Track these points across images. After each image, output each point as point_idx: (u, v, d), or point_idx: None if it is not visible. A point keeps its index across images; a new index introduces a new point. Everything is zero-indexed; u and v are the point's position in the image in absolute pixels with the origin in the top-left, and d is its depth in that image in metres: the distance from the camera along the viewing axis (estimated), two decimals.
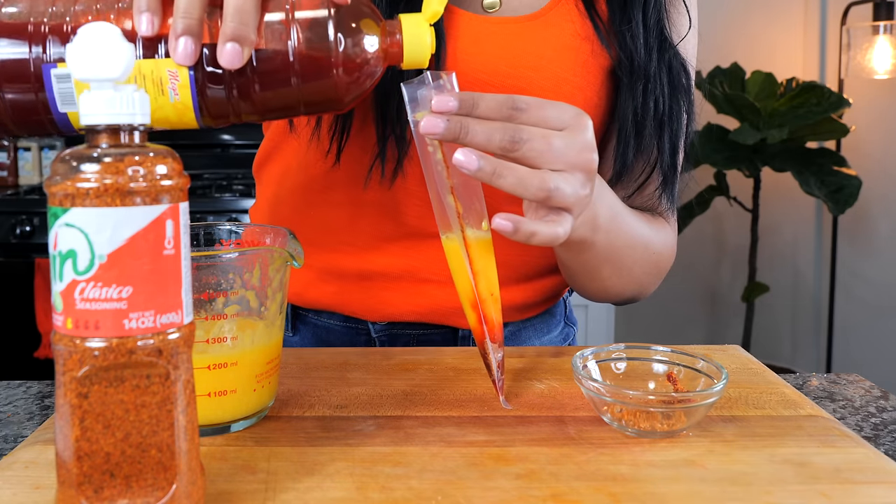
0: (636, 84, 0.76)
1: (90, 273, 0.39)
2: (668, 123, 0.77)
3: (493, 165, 0.54)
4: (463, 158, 0.53)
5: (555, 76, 0.76)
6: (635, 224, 0.74)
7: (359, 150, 0.76)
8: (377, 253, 0.80)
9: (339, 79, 0.53)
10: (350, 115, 0.74)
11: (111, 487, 0.40)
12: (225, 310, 0.55)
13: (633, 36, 0.76)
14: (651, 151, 0.77)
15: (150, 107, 0.42)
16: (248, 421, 0.57)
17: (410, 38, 0.55)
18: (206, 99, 0.52)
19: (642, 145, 0.77)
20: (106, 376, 0.39)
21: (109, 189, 0.39)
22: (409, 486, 0.48)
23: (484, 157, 0.53)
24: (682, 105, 0.78)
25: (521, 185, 0.54)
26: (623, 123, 0.77)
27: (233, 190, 2.28)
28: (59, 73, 0.51)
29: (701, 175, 2.67)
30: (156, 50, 0.51)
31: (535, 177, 0.54)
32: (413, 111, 0.57)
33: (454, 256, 0.60)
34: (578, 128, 0.56)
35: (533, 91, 0.75)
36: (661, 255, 0.79)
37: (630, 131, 0.76)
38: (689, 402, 0.55)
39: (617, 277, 0.76)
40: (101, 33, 0.40)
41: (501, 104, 0.55)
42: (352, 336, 0.84)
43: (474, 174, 0.54)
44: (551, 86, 0.75)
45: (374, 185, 0.77)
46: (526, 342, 0.87)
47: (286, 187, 0.83)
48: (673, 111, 0.77)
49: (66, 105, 0.51)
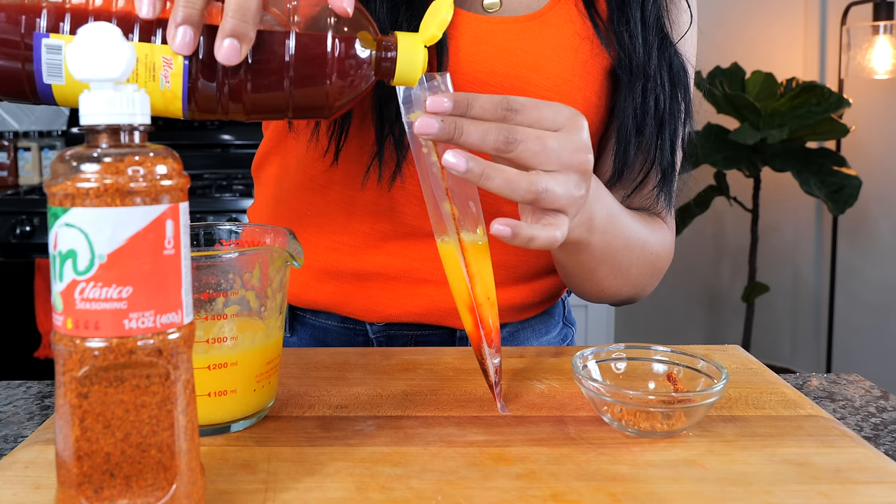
0: (636, 83, 0.76)
1: (90, 273, 0.39)
2: (668, 121, 0.77)
3: (482, 167, 0.54)
4: (452, 160, 0.54)
5: (554, 76, 0.76)
6: (633, 225, 0.74)
7: (357, 150, 0.76)
8: (375, 253, 0.79)
9: (331, 87, 0.53)
10: (349, 116, 0.74)
11: (111, 487, 0.40)
12: (225, 310, 0.55)
13: (631, 35, 0.76)
14: (651, 150, 0.77)
15: (149, 104, 0.42)
16: (248, 421, 0.57)
17: (404, 57, 0.55)
18: (196, 92, 0.52)
19: (643, 144, 0.77)
20: (106, 376, 0.39)
21: (109, 189, 0.39)
22: (409, 486, 0.48)
23: (472, 159, 0.53)
24: (682, 103, 0.78)
25: (508, 187, 0.54)
26: (623, 122, 0.77)
27: (233, 190, 2.28)
28: (50, 44, 0.50)
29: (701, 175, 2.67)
30: (152, 34, 0.51)
31: (523, 178, 0.54)
32: (407, 112, 0.57)
33: (450, 260, 0.59)
34: (573, 128, 0.56)
35: (533, 91, 0.75)
36: (658, 256, 0.79)
37: (630, 130, 0.76)
38: (689, 402, 0.55)
39: (614, 278, 0.76)
40: (102, 33, 0.40)
41: (496, 105, 0.55)
42: (349, 337, 0.84)
43: (463, 175, 0.54)
44: (551, 85, 0.75)
45: (372, 185, 0.77)
46: (524, 343, 0.87)
47: (284, 187, 0.83)
48: (673, 109, 0.77)
49: (52, 77, 0.51)
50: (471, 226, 0.59)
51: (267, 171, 0.86)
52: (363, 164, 0.76)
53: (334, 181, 0.78)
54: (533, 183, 0.54)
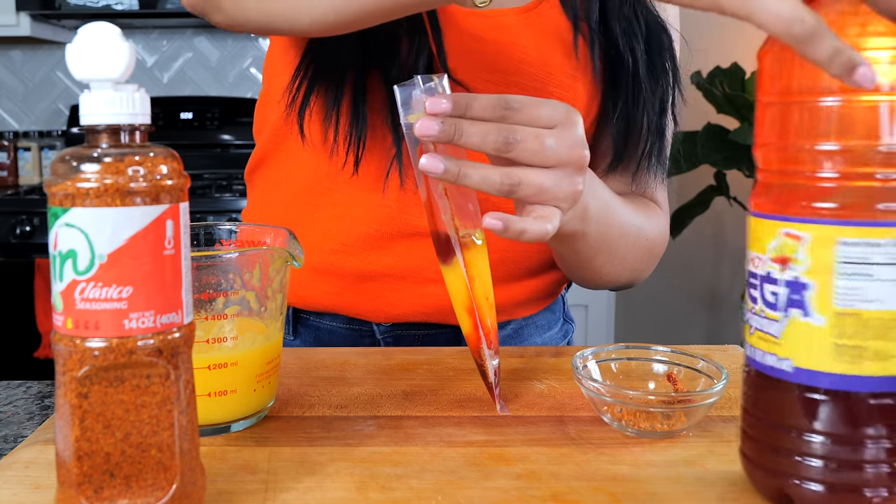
0: (626, 69, 0.77)
1: (90, 273, 0.39)
2: (653, 84, 0.79)
3: (458, 166, 0.55)
4: (427, 163, 0.54)
5: (550, 65, 0.77)
6: (627, 213, 0.75)
7: (373, 156, 0.77)
8: (381, 253, 0.80)
9: None
10: (364, 125, 0.75)
11: (111, 487, 0.40)
12: (225, 310, 0.55)
13: (619, 20, 0.78)
14: (642, 126, 0.79)
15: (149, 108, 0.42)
16: (248, 421, 0.57)
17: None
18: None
19: (635, 125, 0.79)
20: (106, 376, 0.39)
21: (109, 189, 0.39)
22: (409, 486, 0.48)
23: (447, 160, 0.54)
24: (667, 65, 0.80)
25: (485, 182, 0.55)
26: (618, 106, 0.78)
27: (233, 190, 2.28)
28: None
29: (701, 175, 2.67)
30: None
31: (496, 172, 0.55)
32: (406, 114, 0.57)
33: (451, 272, 0.59)
34: (569, 124, 0.57)
35: (529, 82, 0.76)
36: (654, 242, 0.81)
37: (625, 113, 0.78)
38: (689, 402, 0.55)
39: (611, 266, 0.77)
40: (102, 33, 0.40)
41: (495, 104, 0.56)
42: (355, 338, 0.84)
43: (441, 176, 0.55)
44: (545, 76, 0.77)
45: (376, 186, 0.77)
46: (528, 339, 0.88)
47: (285, 191, 0.83)
48: (657, 68, 0.79)
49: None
50: (470, 226, 0.59)
51: (264, 175, 0.86)
52: (381, 170, 0.77)
53: (341, 184, 0.79)
54: (507, 176, 0.55)
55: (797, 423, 0.43)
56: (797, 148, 0.43)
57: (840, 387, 0.42)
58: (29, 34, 2.43)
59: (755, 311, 0.45)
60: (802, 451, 0.43)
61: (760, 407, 0.45)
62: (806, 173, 0.42)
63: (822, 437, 0.42)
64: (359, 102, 0.75)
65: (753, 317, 0.45)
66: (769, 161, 0.45)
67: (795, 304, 0.43)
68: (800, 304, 0.43)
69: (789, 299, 0.43)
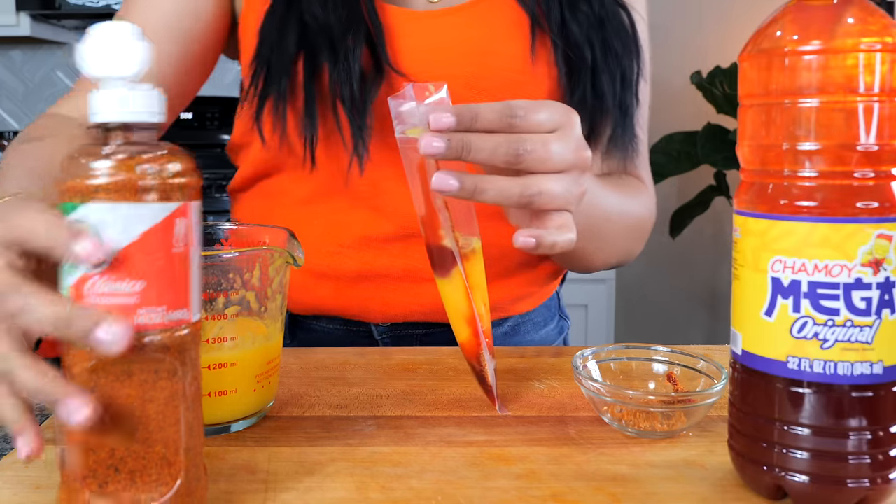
0: (582, 48, 0.78)
1: (101, 267, 0.39)
2: (613, 62, 0.79)
3: (473, 182, 0.53)
4: (440, 182, 0.52)
5: (510, 55, 0.78)
6: (609, 197, 0.75)
7: (334, 149, 0.77)
8: (378, 255, 0.80)
9: None
10: (314, 118, 0.75)
11: (116, 482, 0.40)
12: (225, 310, 0.55)
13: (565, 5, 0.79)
14: (605, 104, 0.79)
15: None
16: (248, 421, 0.57)
17: None
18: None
19: (599, 105, 0.79)
20: (113, 370, 0.39)
21: (121, 185, 0.39)
22: (409, 486, 0.48)
23: (461, 177, 0.53)
24: (627, 43, 0.81)
25: (502, 196, 0.54)
26: (578, 88, 0.78)
27: None
28: None
29: (701, 175, 2.67)
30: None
31: (515, 185, 0.54)
32: (402, 127, 0.55)
33: (451, 286, 0.59)
34: (569, 126, 0.57)
35: (494, 73, 0.77)
36: (640, 219, 0.82)
37: (585, 94, 0.78)
38: (689, 402, 0.55)
39: (600, 252, 0.78)
40: (115, 31, 0.40)
41: (500, 114, 0.54)
42: (353, 339, 0.84)
43: (456, 195, 0.53)
44: (511, 66, 0.77)
45: (371, 186, 0.77)
46: (525, 336, 0.88)
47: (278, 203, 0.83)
48: (615, 48, 0.79)
49: None
50: (469, 233, 0.58)
51: (254, 191, 0.85)
52: (343, 162, 0.76)
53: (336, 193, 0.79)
54: (526, 187, 0.54)
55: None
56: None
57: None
58: (29, 34, 2.43)
59: (836, 324, 0.43)
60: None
61: (819, 418, 0.43)
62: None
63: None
64: (309, 100, 0.74)
65: (831, 329, 0.43)
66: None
67: (887, 304, 0.43)
68: (889, 303, 0.43)
69: (881, 301, 0.43)
